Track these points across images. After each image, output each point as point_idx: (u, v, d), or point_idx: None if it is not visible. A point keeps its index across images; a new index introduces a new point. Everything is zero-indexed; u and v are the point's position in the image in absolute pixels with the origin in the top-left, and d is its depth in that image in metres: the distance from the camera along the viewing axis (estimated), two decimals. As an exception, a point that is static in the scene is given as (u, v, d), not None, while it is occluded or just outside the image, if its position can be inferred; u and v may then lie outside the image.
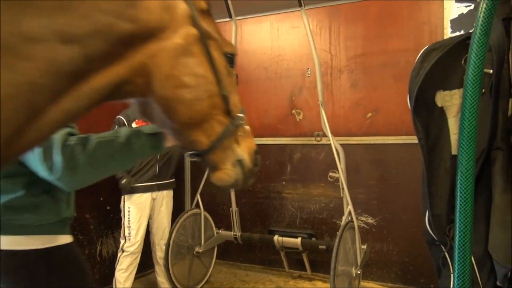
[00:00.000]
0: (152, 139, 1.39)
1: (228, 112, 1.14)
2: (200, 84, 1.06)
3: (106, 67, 0.85)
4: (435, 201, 1.57)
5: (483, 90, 1.43)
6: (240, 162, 1.22)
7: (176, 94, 1.00)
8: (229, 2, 3.52)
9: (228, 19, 3.66)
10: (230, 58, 1.18)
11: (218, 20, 4.30)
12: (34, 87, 0.74)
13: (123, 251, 3.09)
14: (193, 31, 1.02)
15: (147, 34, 0.91)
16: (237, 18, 3.67)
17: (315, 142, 3.89)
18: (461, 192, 1.09)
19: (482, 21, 0.96)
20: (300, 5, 3.20)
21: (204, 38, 1.05)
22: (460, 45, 1.50)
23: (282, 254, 3.81)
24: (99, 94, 0.85)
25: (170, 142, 1.41)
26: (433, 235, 1.59)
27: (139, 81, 0.93)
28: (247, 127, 1.21)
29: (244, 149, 1.24)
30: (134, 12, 0.86)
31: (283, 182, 4.05)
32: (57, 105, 0.79)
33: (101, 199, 2.92)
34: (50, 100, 0.77)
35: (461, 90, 1.50)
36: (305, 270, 3.82)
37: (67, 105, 0.80)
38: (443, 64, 1.53)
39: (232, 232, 3.69)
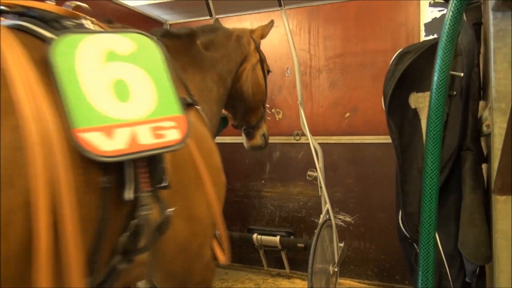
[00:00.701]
0: (223, 119, 2.57)
1: (264, 105, 2.51)
2: (260, 86, 2.36)
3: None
4: (408, 199, 1.61)
5: (454, 93, 1.48)
6: (263, 135, 2.62)
7: (250, 89, 2.27)
8: (210, 1, 3.52)
9: (208, 17, 3.65)
10: (268, 72, 2.58)
11: (199, 19, 4.29)
12: (224, 97, 2.10)
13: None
14: (257, 56, 2.38)
15: (245, 58, 2.27)
16: (217, 16, 3.66)
17: (294, 141, 3.92)
18: (428, 193, 1.13)
19: (449, 26, 1.00)
20: (280, 5, 3.22)
21: (261, 61, 2.41)
22: (433, 48, 1.53)
23: (261, 252, 3.83)
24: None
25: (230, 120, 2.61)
26: (405, 233, 1.63)
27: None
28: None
29: (265, 128, 2.65)
30: (243, 48, 2.26)
31: (263, 181, 4.07)
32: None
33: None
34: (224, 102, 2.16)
35: (432, 92, 1.55)
36: (284, 268, 3.85)
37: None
38: (417, 66, 1.57)
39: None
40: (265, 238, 3.66)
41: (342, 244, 3.35)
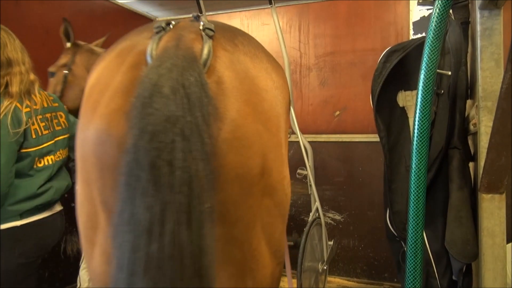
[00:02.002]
0: None
1: None
2: None
3: None
4: (396, 198, 1.61)
5: (442, 91, 1.49)
6: None
7: None
8: (199, -2, 3.49)
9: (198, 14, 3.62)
10: None
11: (189, 15, 4.25)
12: None
13: (88, 249, 3.03)
14: None
15: None
16: (207, 14, 3.64)
17: (284, 139, 3.91)
18: (414, 191, 1.12)
19: (435, 24, 1.00)
20: (270, 3, 3.20)
21: None
22: (421, 47, 1.53)
23: (251, 250, 3.82)
24: None
25: None
26: (393, 231, 1.63)
27: None
28: None
29: None
30: None
31: (252, 179, 4.06)
32: None
33: (65, 196, 2.84)
34: None
35: (421, 90, 1.55)
36: (273, 266, 3.84)
37: None
38: (405, 65, 1.57)
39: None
40: (255, 236, 3.65)
41: (331, 242, 3.35)
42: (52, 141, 2.01)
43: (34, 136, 1.86)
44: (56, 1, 3.36)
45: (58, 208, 2.17)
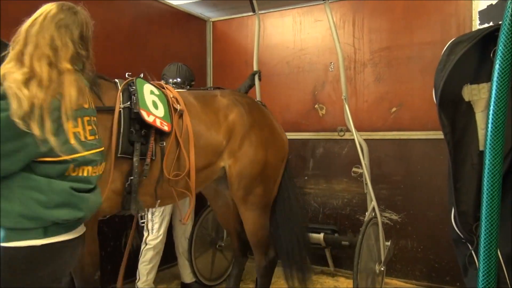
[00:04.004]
0: None
1: None
2: None
3: None
4: (461, 197, 1.53)
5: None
6: None
7: None
8: (253, -2, 3.52)
9: (251, 13, 3.65)
10: None
11: (242, 15, 4.30)
12: None
13: (146, 244, 3.14)
14: None
15: None
16: (260, 12, 3.66)
17: (338, 137, 3.85)
18: (487, 189, 1.05)
19: (512, 11, 0.93)
20: (324, -1, 3.16)
21: None
22: (489, 37, 1.44)
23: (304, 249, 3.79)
24: None
25: None
26: (459, 232, 1.55)
27: None
28: None
29: None
30: None
31: (306, 178, 4.03)
32: None
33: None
34: None
35: (489, 84, 1.45)
36: (328, 266, 3.80)
37: None
38: (471, 57, 1.48)
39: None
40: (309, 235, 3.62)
41: (388, 243, 3.26)
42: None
43: None
44: (115, 4, 3.49)
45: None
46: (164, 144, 2.21)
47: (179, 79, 3.29)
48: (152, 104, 2.18)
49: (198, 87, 3.40)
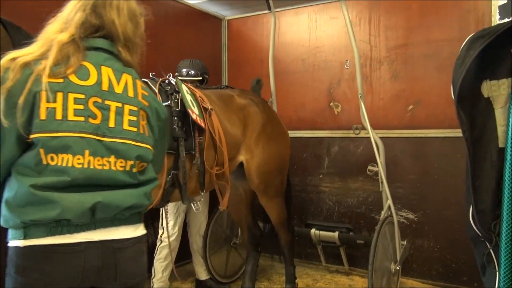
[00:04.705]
0: None
1: None
2: None
3: None
4: (480, 195, 1.50)
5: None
6: None
7: None
8: (268, -5, 3.52)
9: (267, 11, 3.65)
10: None
11: (257, 13, 4.30)
12: None
13: (161, 241, 3.16)
14: None
15: None
16: (275, 10, 3.65)
17: (353, 135, 3.82)
18: (508, 186, 1.04)
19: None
20: (339, -4, 3.14)
21: None
22: (509, 32, 1.42)
23: (319, 248, 3.78)
24: None
25: None
26: (477, 231, 1.53)
27: None
28: None
29: None
30: None
31: (321, 176, 4.01)
32: None
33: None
34: None
35: (509, 79, 1.43)
36: (342, 265, 3.78)
37: None
38: (490, 52, 1.45)
39: (268, 225, 3.69)
40: (323, 233, 3.61)
41: (404, 242, 3.23)
42: None
43: None
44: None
45: None
46: (202, 139, 2.44)
47: (192, 71, 3.36)
48: (191, 103, 2.40)
49: (210, 85, 3.41)
